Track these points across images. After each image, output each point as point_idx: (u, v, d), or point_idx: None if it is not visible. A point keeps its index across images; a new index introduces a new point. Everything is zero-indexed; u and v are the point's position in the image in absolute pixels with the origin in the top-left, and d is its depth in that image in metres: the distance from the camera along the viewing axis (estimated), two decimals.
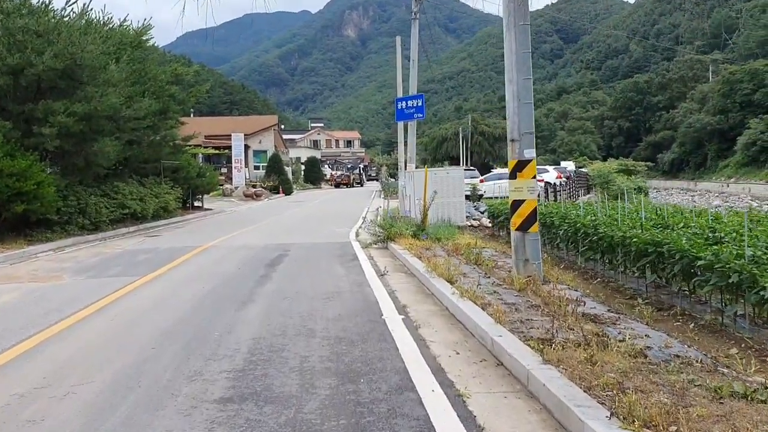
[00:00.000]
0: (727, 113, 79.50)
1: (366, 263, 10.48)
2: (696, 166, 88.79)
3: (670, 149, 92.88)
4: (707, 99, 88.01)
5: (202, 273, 9.97)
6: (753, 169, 69.03)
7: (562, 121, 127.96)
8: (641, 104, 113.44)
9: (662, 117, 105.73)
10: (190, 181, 27.68)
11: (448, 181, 15.26)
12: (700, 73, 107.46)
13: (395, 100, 19.79)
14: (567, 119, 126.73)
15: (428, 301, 7.17)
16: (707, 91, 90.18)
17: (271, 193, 44.97)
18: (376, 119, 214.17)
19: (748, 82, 76.83)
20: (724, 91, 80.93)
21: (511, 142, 7.93)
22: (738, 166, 72.77)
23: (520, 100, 7.79)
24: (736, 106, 78.64)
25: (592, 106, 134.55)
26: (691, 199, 65.31)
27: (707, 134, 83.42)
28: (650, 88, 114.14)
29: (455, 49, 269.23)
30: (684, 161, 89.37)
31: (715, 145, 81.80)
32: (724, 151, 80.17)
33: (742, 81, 77.45)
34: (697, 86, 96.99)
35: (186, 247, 13.93)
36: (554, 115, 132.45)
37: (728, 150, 78.02)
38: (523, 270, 7.86)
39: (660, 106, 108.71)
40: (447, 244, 11.66)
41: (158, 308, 7.21)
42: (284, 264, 10.72)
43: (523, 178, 7.83)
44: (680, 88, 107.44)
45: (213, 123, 61.47)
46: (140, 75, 21.40)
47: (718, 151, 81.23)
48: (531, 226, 7.83)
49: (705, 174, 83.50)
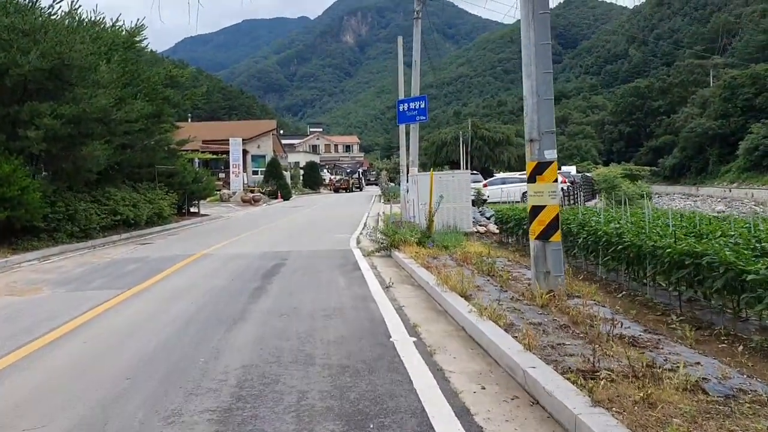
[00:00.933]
0: (729, 118, 78.97)
1: (369, 273, 9.73)
2: (697, 171, 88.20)
3: (672, 154, 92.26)
4: (708, 103, 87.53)
5: (192, 286, 9.22)
6: (755, 174, 68.43)
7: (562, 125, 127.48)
8: (642, 109, 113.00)
9: (663, 122, 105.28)
10: (185, 187, 26.95)
11: (454, 185, 14.51)
12: (700, 78, 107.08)
13: (397, 101, 19.09)
14: (567, 124, 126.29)
15: (441, 320, 6.42)
16: (708, 96, 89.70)
17: (269, 198, 44.25)
18: (375, 124, 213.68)
19: (750, 87, 76.33)
20: (726, 96, 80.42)
21: (529, 142, 7.21)
22: (740, 171, 72.15)
23: (540, 96, 7.07)
24: (738, 111, 78.13)
25: (592, 110, 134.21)
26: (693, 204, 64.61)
27: (708, 139, 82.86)
28: (651, 93, 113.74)
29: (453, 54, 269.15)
30: (685, 166, 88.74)
31: (716, 149, 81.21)
32: (725, 155, 79.61)
33: (744, 85, 76.97)
34: (698, 91, 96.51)
35: (178, 256, 13.19)
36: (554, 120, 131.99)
37: (730, 155, 77.48)
38: (544, 283, 7.12)
39: (661, 110, 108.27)
40: (455, 253, 10.93)
41: (139, 329, 6.46)
42: (281, 275, 9.97)
43: (543, 182, 7.10)
44: (681, 92, 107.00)
45: (211, 128, 60.75)
46: (132, 76, 20.69)
47: (720, 156, 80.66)
48: (553, 235, 7.09)
49: (707, 179, 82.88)
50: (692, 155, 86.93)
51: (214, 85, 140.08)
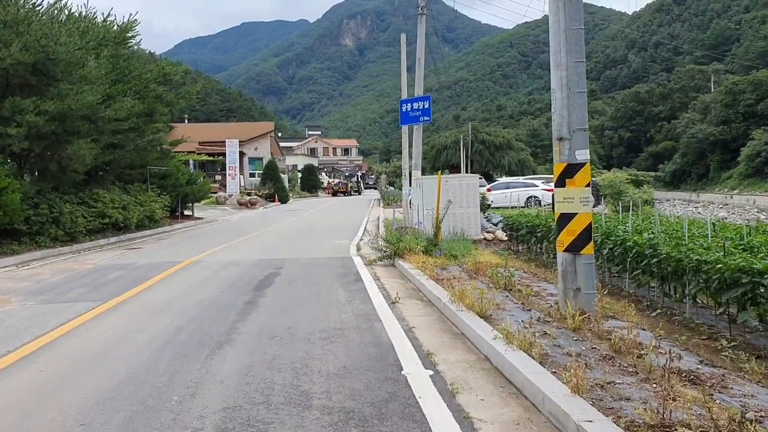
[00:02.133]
0: (730, 124, 78.45)
1: (372, 285, 8.84)
2: (698, 177, 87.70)
3: (672, 160, 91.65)
4: (709, 109, 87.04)
5: (177, 298, 8.32)
6: (757, 180, 67.85)
7: None
8: (642, 114, 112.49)
9: (663, 127, 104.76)
10: (179, 189, 26.05)
11: (462, 189, 13.63)
12: (701, 83, 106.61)
13: (400, 101, 18.23)
14: None
15: (459, 345, 5.52)
16: (709, 102, 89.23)
17: (266, 201, 43.34)
18: (374, 128, 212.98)
19: (751, 93, 75.79)
20: (727, 102, 79.90)
21: (558, 141, 6.34)
22: (741, 178, 71.56)
23: (571, 88, 6.20)
24: (739, 117, 77.62)
25: (592, 116, 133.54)
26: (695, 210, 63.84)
27: (710, 145, 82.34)
28: (651, 98, 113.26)
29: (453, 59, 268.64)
30: (686, 172, 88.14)
31: (717, 155, 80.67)
32: (726, 162, 79.09)
33: (745, 91, 76.43)
34: (699, 96, 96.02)
35: (166, 263, 12.29)
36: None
37: (731, 161, 76.96)
38: (573, 301, 6.24)
39: (661, 116, 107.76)
40: (465, 263, 10.04)
41: (108, 353, 5.56)
42: (276, 286, 9.07)
43: (574, 186, 6.23)
44: (681, 98, 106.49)
45: (207, 129, 59.86)
46: (123, 73, 19.81)
47: (721, 162, 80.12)
48: (584, 247, 6.22)
49: (707, 185, 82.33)
50: (693, 161, 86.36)
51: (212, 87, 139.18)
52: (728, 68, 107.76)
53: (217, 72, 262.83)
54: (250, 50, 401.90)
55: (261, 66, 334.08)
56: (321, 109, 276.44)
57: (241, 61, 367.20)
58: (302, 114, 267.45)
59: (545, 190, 30.14)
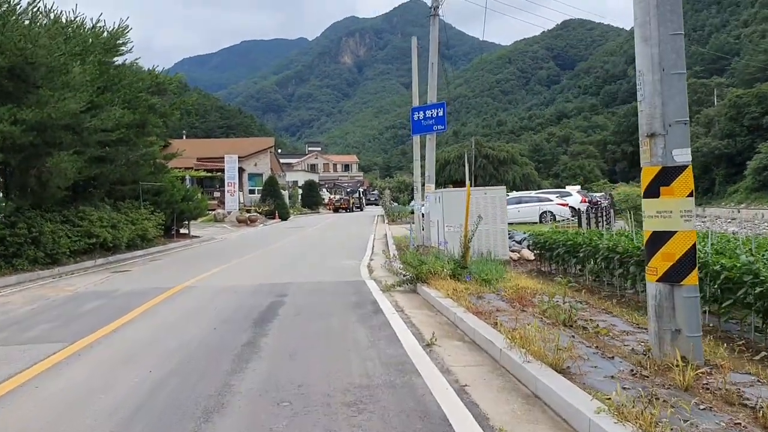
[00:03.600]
0: (735, 137, 77.48)
1: (396, 319, 7.33)
2: (703, 192, 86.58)
3: None
4: (713, 123, 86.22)
5: (159, 338, 6.82)
6: (764, 194, 66.75)
7: (564, 145, 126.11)
8: None
9: None
10: (174, 206, 24.58)
11: (487, 203, 12.14)
12: (704, 97, 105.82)
13: (411, 109, 16.88)
14: (569, 144, 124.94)
15: (539, 417, 4.00)
16: (713, 115, 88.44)
17: (266, 218, 41.85)
18: (373, 144, 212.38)
19: (756, 106, 74.85)
20: (731, 115, 78.99)
21: (648, 138, 4.88)
22: (748, 192, 70.43)
23: (665, 69, 4.76)
24: (744, 130, 76.67)
25: (594, 130, 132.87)
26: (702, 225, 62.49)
27: (715, 158, 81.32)
28: None
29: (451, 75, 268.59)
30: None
31: (723, 169, 79.59)
32: (732, 175, 78.06)
33: (750, 104, 75.53)
34: (703, 110, 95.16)
35: (154, 290, 10.79)
36: (555, 139, 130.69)
37: (737, 175, 75.94)
38: (670, 347, 4.76)
39: None
40: (501, 288, 8.54)
41: (53, 428, 4.05)
42: (279, 320, 7.56)
43: (671, 196, 4.77)
44: None
45: (206, 145, 58.58)
46: (112, 81, 18.43)
47: (726, 176, 79.06)
48: (687, 275, 4.74)
49: (713, 199, 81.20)
50: (698, 175, 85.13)
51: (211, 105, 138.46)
52: (729, 82, 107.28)
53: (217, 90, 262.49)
54: (249, 68, 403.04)
55: (260, 84, 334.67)
56: (320, 126, 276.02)
57: (240, 79, 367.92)
58: (302, 131, 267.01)
59: (560, 204, 28.73)
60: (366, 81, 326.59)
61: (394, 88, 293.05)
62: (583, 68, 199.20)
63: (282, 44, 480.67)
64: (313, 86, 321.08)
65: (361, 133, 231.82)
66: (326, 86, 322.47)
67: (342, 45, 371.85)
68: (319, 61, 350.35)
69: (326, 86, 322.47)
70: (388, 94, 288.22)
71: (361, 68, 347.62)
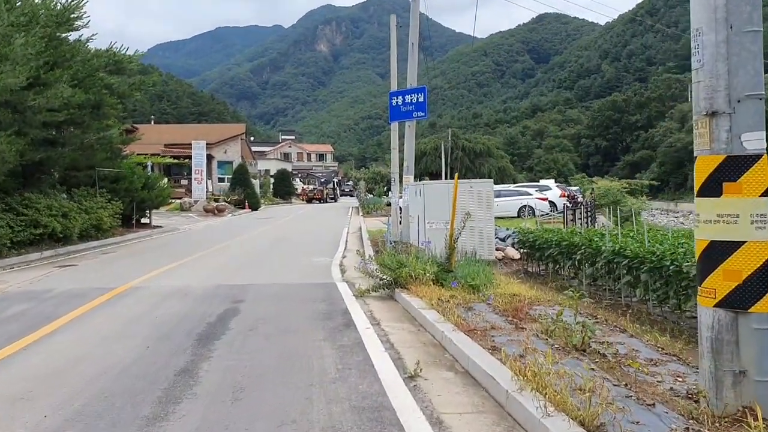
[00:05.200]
0: None
1: (371, 337, 6.09)
2: (676, 187, 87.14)
3: (649, 169, 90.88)
4: (687, 118, 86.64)
5: (76, 362, 5.49)
6: None
7: (538, 139, 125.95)
8: (619, 123, 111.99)
9: (640, 136, 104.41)
10: (133, 194, 22.96)
11: (473, 197, 10.91)
12: (678, 93, 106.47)
13: (389, 94, 15.59)
14: (543, 137, 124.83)
15: None
16: (687, 110, 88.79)
17: (235, 207, 40.22)
18: (349, 134, 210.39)
19: None
20: None
21: (706, 117, 3.71)
22: None
23: (733, 26, 3.59)
24: None
25: (568, 124, 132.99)
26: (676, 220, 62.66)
27: (688, 154, 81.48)
28: (628, 107, 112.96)
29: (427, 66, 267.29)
30: (664, 181, 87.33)
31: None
32: None
33: None
34: (676, 105, 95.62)
35: (94, 291, 9.41)
36: (530, 132, 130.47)
37: None
38: (732, 392, 3.61)
39: (638, 125, 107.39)
40: (492, 297, 7.35)
41: None
42: (229, 338, 6.26)
43: (738, 195, 3.60)
44: (658, 107, 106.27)
45: (174, 131, 56.53)
46: (63, 57, 16.80)
47: None
48: (757, 300, 3.59)
49: (685, 194, 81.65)
50: (671, 170, 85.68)
51: (184, 91, 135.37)
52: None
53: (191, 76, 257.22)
54: (223, 55, 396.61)
55: (235, 71, 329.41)
56: (295, 115, 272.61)
57: (214, 65, 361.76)
58: (276, 119, 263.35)
59: (540, 198, 27.76)
60: (342, 70, 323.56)
61: (371, 77, 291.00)
62: (557, 62, 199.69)
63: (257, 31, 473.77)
64: (288, 74, 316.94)
65: (337, 122, 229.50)
66: (301, 74, 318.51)
67: (318, 33, 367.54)
68: (295, 49, 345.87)
69: (301, 74, 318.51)
70: (364, 83, 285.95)
71: (337, 57, 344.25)
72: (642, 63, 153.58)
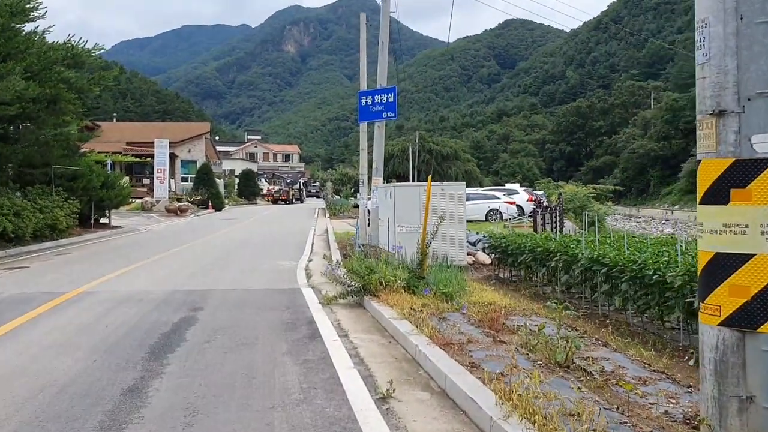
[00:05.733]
0: (671, 140, 79.50)
1: (339, 350, 5.64)
2: (638, 192, 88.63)
3: (612, 174, 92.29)
4: (650, 125, 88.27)
5: (9, 378, 4.91)
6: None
7: (504, 143, 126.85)
8: (583, 129, 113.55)
9: (604, 142, 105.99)
10: (91, 193, 22.07)
11: (444, 200, 10.53)
12: (641, 100, 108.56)
13: (358, 94, 15.18)
14: (509, 142, 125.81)
15: None
16: (650, 117, 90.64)
17: (198, 208, 39.28)
18: (315, 135, 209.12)
19: (692, 110, 75.91)
20: (667, 118, 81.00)
21: (712, 117, 3.38)
22: (682, 194, 72.33)
23: (744, 16, 3.26)
24: (679, 133, 78.76)
25: (533, 129, 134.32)
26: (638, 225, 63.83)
27: (650, 160, 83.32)
28: (592, 113, 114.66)
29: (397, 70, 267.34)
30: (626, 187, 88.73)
31: (658, 171, 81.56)
32: (666, 177, 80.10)
33: (685, 108, 77.53)
34: (640, 112, 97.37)
35: (42, 295, 8.76)
36: (496, 137, 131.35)
37: (671, 176, 77.97)
38: (737, 420, 3.29)
39: (602, 131, 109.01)
40: (466, 305, 6.97)
41: None
42: (184, 351, 5.75)
43: (746, 203, 3.28)
44: (622, 113, 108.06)
45: (136, 129, 55.14)
46: (17, 48, 15.97)
47: (661, 178, 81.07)
48: (766, 320, 3.27)
49: (647, 200, 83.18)
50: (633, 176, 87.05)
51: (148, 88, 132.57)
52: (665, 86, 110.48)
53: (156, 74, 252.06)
54: (189, 53, 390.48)
55: (200, 69, 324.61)
56: (261, 115, 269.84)
57: (180, 64, 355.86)
58: (242, 119, 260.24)
59: (507, 203, 27.63)
60: (309, 71, 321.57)
61: (338, 79, 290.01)
62: (523, 68, 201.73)
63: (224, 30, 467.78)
64: (255, 74, 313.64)
65: (304, 123, 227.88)
66: (268, 74, 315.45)
67: (286, 33, 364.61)
68: (262, 49, 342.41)
69: (268, 74, 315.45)
70: (332, 85, 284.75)
71: (305, 58, 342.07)
72: (606, 70, 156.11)
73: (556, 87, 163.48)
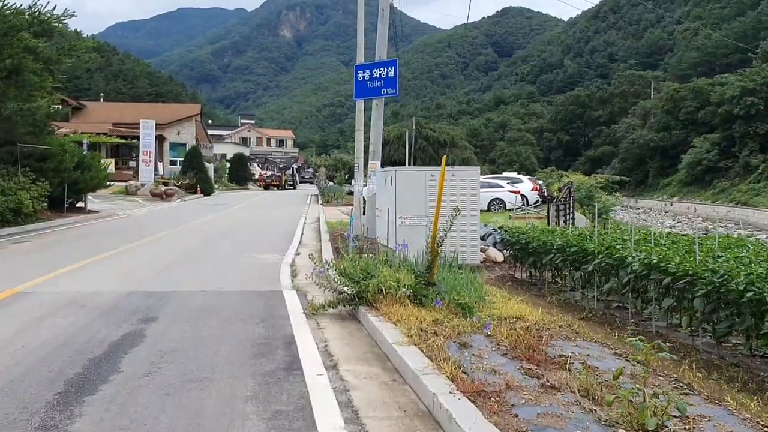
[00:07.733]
0: (670, 130, 78.11)
1: (324, 396, 4.06)
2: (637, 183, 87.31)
3: (611, 165, 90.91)
4: (650, 115, 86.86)
5: None
6: (696, 188, 67.45)
7: (501, 131, 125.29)
8: (582, 118, 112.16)
9: (602, 132, 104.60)
10: (63, 174, 20.34)
11: (455, 189, 8.89)
12: (640, 89, 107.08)
13: (354, 67, 13.54)
14: (506, 130, 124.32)
15: None
16: (650, 108, 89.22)
17: (186, 192, 37.52)
18: (310, 121, 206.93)
19: (692, 100, 75.48)
20: (668, 108, 79.55)
21: None
22: (681, 185, 71.12)
23: None
24: (680, 124, 77.42)
25: (531, 117, 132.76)
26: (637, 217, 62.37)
27: (649, 151, 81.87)
28: (591, 102, 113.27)
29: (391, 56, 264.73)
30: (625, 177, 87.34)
31: (657, 162, 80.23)
32: (666, 168, 78.81)
33: (686, 98, 76.14)
34: (639, 102, 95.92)
35: None
36: (493, 125, 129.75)
37: (670, 168, 76.69)
38: None
39: (600, 120, 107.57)
40: (489, 323, 5.39)
41: None
42: (112, 389, 4.15)
43: None
44: (621, 103, 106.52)
45: (124, 109, 53.15)
46: None
47: (660, 169, 79.75)
48: None
49: (646, 191, 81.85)
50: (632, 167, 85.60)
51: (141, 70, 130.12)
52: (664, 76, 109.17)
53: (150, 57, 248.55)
54: (184, 36, 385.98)
55: (195, 53, 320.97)
56: (256, 100, 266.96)
57: (175, 47, 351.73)
58: (237, 103, 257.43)
59: (511, 191, 26.08)
60: (305, 56, 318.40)
61: (334, 65, 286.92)
62: (520, 56, 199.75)
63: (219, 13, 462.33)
64: (250, 58, 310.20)
65: (299, 109, 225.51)
66: (264, 59, 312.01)
67: (282, 18, 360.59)
68: (258, 33, 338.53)
69: (264, 59, 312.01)
70: (328, 71, 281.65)
71: (301, 43, 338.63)
72: (604, 59, 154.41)
73: (553, 76, 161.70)
